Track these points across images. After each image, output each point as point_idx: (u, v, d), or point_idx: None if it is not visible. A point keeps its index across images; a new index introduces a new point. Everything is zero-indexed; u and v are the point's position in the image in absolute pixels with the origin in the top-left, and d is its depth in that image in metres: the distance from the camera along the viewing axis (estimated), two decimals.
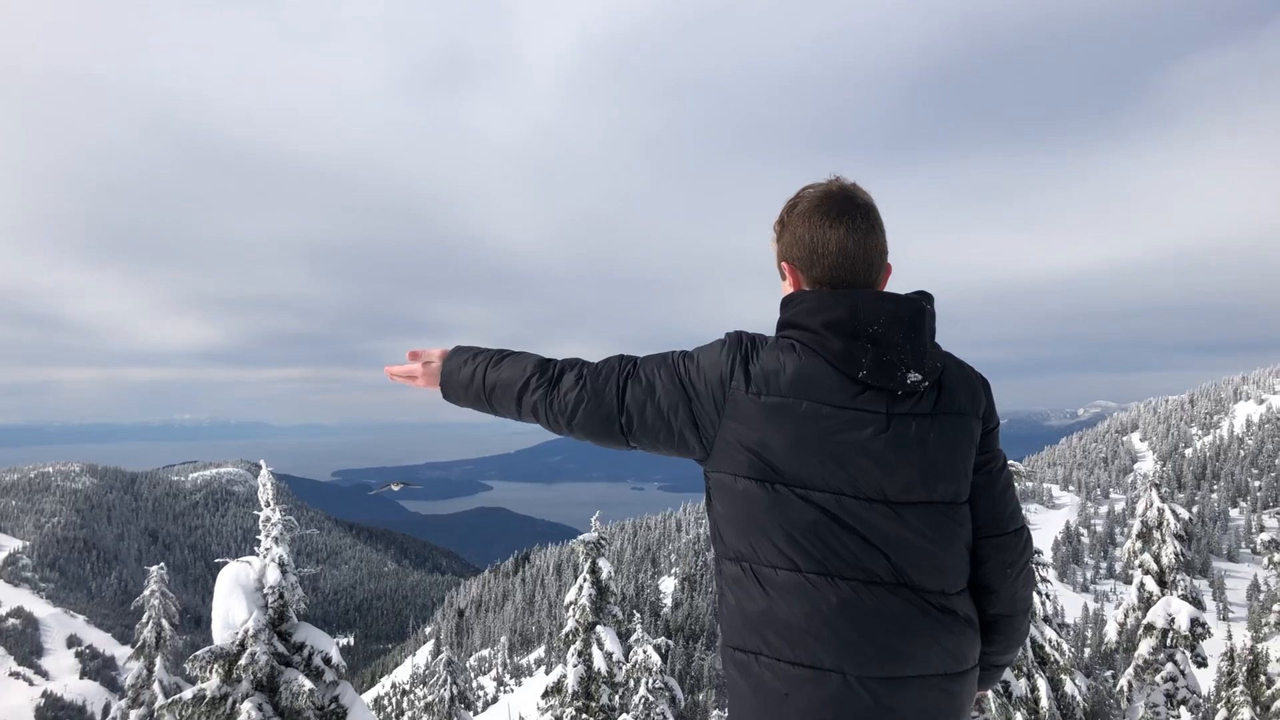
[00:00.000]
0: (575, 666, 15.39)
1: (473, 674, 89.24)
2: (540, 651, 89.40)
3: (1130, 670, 15.82)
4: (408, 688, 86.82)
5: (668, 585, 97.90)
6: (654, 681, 16.27)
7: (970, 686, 2.30)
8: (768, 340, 2.30)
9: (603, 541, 16.13)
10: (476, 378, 2.58)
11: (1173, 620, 15.31)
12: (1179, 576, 15.69)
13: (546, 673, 65.50)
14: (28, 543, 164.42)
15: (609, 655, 15.38)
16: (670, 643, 17.50)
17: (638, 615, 18.09)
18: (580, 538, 16.21)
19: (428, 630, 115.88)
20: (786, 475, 2.19)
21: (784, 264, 2.38)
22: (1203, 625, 15.32)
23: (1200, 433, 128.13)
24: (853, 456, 2.18)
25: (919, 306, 2.27)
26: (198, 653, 10.01)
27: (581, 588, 15.76)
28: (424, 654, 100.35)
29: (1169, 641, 15.39)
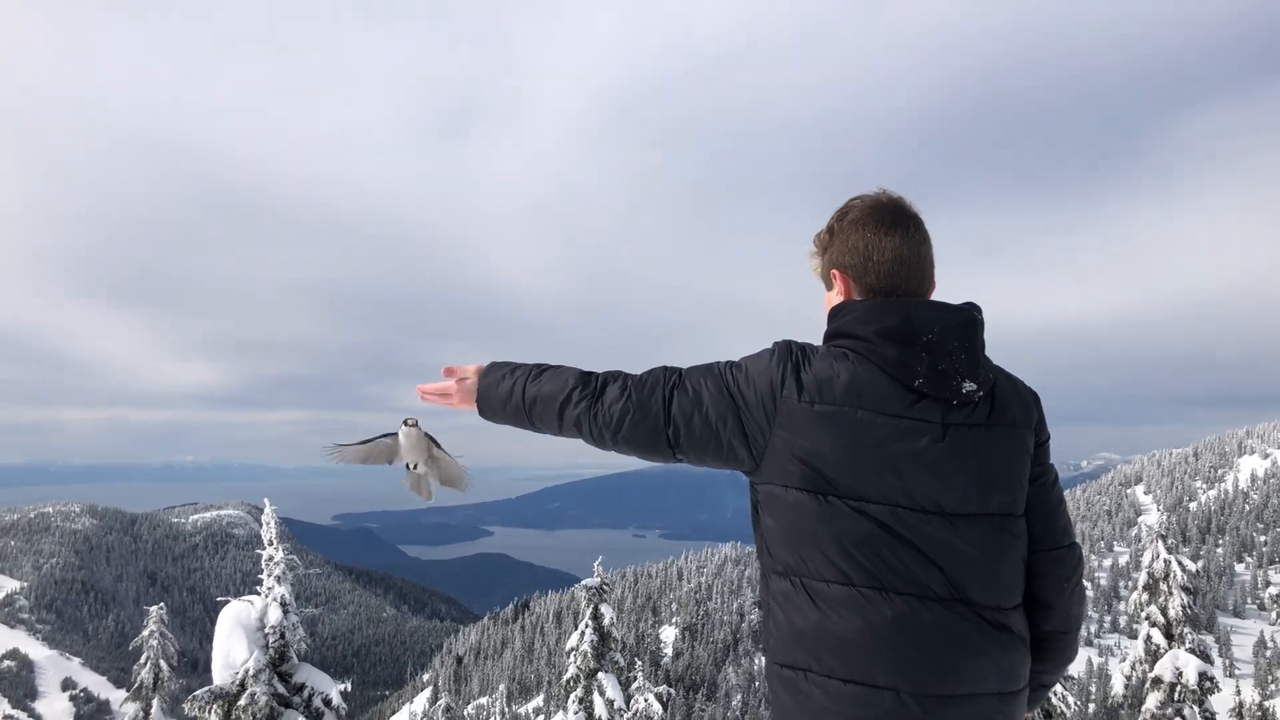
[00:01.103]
0: (576, 714, 15.23)
1: None
2: (539, 700, 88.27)
3: None
4: None
5: (668, 634, 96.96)
6: None
7: (1021, 706, 2.27)
8: (818, 349, 2.28)
9: (605, 587, 16.02)
10: (516, 392, 2.51)
11: (1180, 674, 15.13)
12: (1186, 630, 15.54)
13: None
14: (25, 584, 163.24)
15: (610, 703, 15.22)
16: (671, 692, 17.31)
17: (639, 663, 17.92)
18: (583, 583, 16.11)
19: (426, 677, 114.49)
20: (840, 486, 2.15)
21: (835, 272, 2.37)
22: (1211, 680, 15.14)
23: (1205, 486, 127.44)
24: (909, 467, 2.15)
25: (971, 315, 2.28)
26: (197, 692, 9.94)
27: (584, 634, 15.63)
28: (421, 701, 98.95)
29: (1177, 696, 15.20)
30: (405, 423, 3.06)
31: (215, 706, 9.85)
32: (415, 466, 3.13)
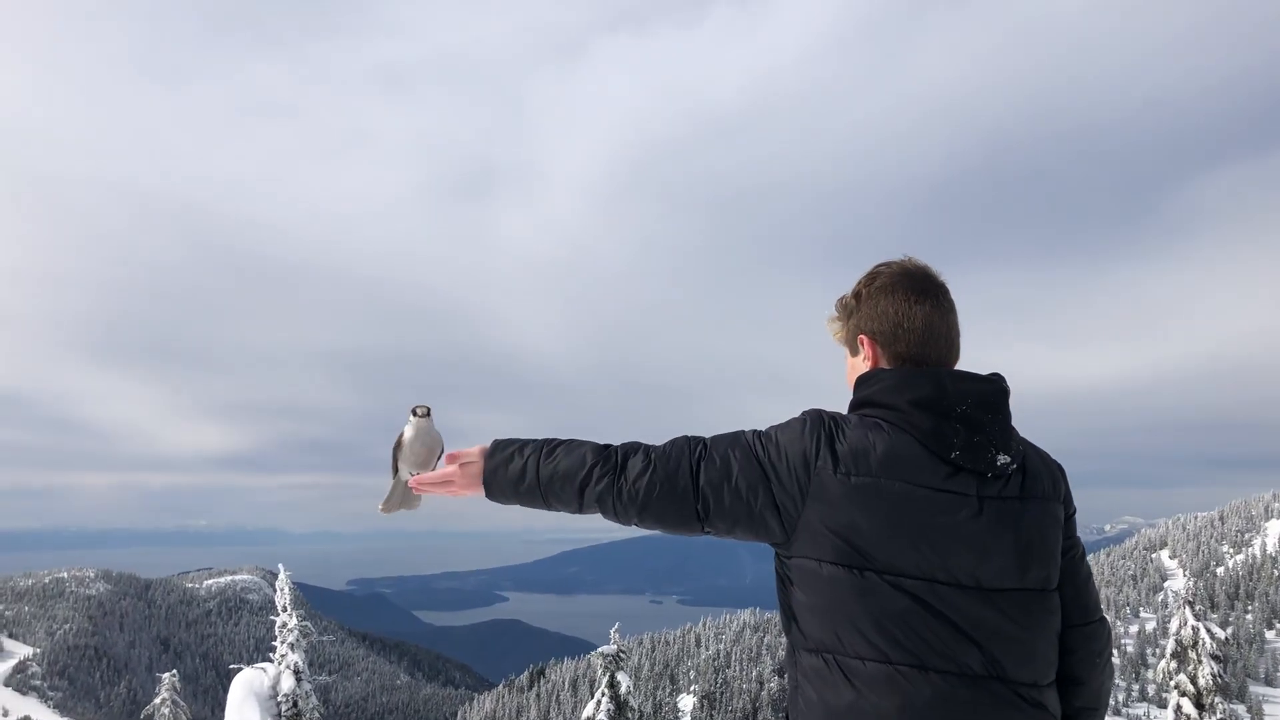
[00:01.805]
0: None
1: None
2: None
3: None
4: None
5: (686, 703, 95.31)
6: None
7: None
8: (850, 419, 2.24)
9: (622, 654, 15.81)
10: (529, 473, 2.38)
11: None
12: (1217, 699, 15.19)
13: None
14: (38, 649, 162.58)
15: None
16: None
17: None
18: (599, 650, 15.91)
19: None
20: (877, 560, 2.12)
21: (863, 337, 2.35)
22: None
23: (1232, 551, 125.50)
24: (947, 541, 2.13)
25: (1001, 386, 2.27)
26: None
27: (600, 703, 15.40)
28: None
29: None
30: (414, 412, 2.68)
31: None
32: (412, 474, 2.68)
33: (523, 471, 2.40)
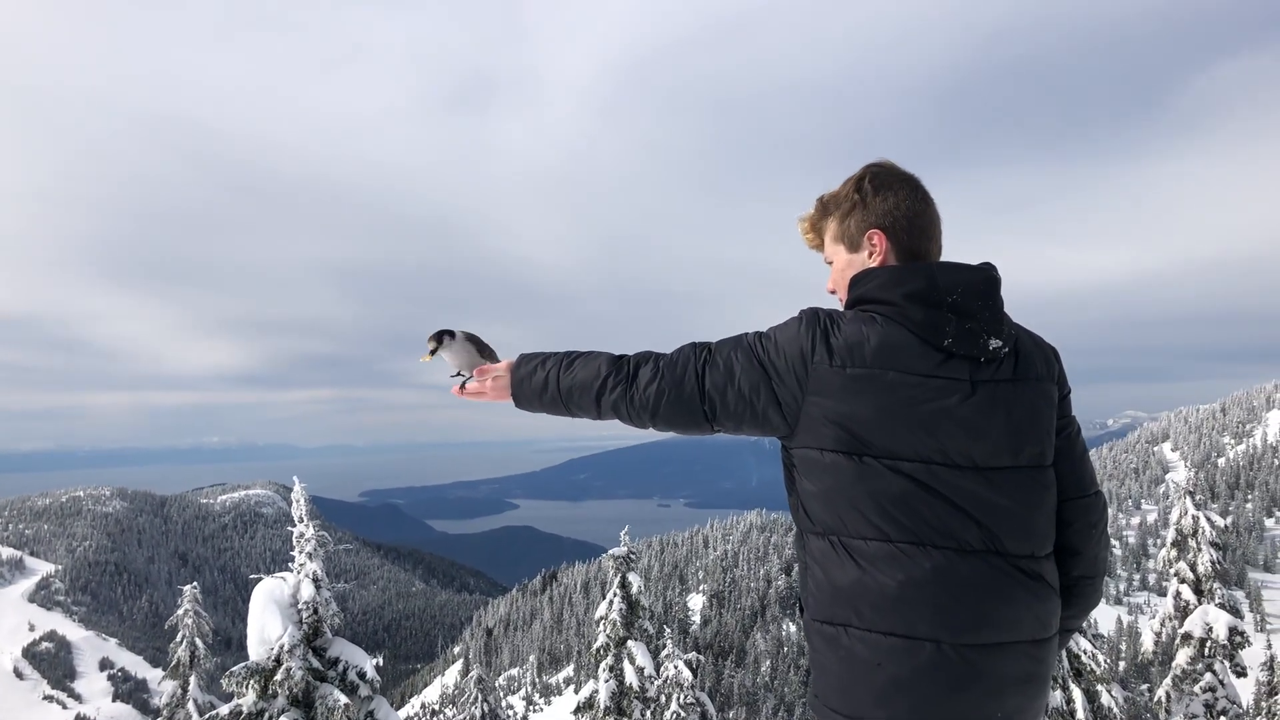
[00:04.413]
0: (607, 682, 15.34)
1: (502, 693, 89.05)
2: (569, 670, 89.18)
3: (1168, 681, 15.61)
4: (437, 708, 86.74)
5: (696, 603, 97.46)
6: (686, 697, 16.20)
7: (1054, 652, 2.34)
8: (845, 314, 2.33)
9: (633, 556, 16.10)
10: (550, 384, 2.57)
11: (1210, 629, 15.11)
12: (1216, 585, 15.49)
13: (576, 691, 65.27)
14: (60, 567, 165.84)
15: (641, 670, 15.32)
16: (701, 658, 17.42)
17: (668, 631, 18.02)
18: (610, 552, 16.19)
19: (456, 650, 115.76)
20: (875, 446, 2.21)
21: (874, 233, 2.40)
22: (1241, 634, 15.11)
23: (1233, 442, 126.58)
24: (941, 424, 2.21)
25: (991, 274, 2.35)
26: (234, 668, 10.06)
27: (612, 602, 15.72)
28: (453, 674, 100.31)
29: (1207, 651, 15.19)
30: (443, 336, 2.80)
31: (252, 682, 9.98)
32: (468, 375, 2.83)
33: (545, 383, 2.59)
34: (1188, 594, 15.69)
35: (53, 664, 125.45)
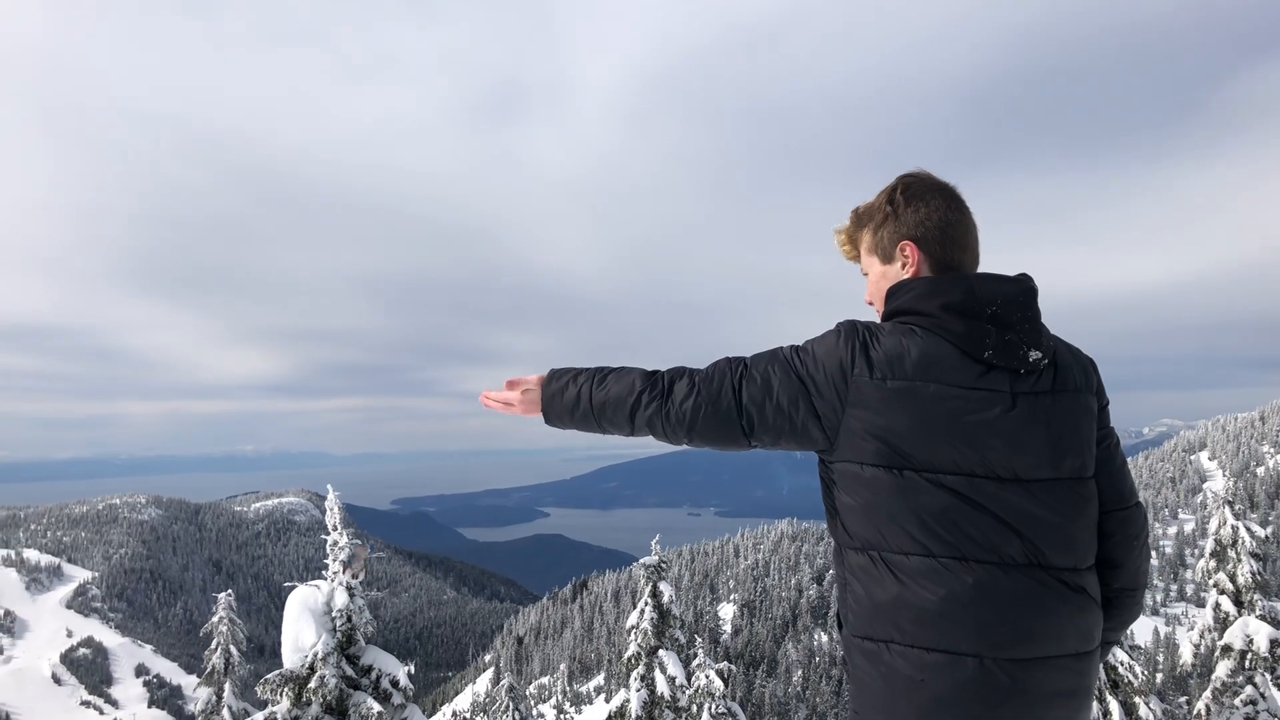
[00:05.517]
0: (638, 691, 15.31)
1: (533, 701, 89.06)
2: (600, 679, 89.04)
3: (1208, 693, 15.37)
4: (469, 715, 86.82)
5: (726, 612, 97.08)
6: (717, 707, 16.12)
7: (1097, 665, 2.32)
8: (884, 326, 2.32)
9: (664, 565, 16.06)
10: (583, 399, 2.55)
11: (1251, 641, 14.86)
12: (1256, 597, 15.24)
13: (606, 700, 65.15)
14: (96, 574, 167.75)
15: (672, 680, 15.28)
16: (732, 668, 17.35)
17: (699, 640, 17.98)
18: (641, 561, 16.16)
19: (487, 658, 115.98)
20: (916, 460, 2.20)
21: (907, 244, 2.40)
22: None
23: (1272, 451, 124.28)
24: (983, 436, 2.20)
25: (1029, 286, 2.33)
26: (269, 676, 10.13)
27: (643, 611, 15.69)
28: (484, 682, 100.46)
29: (1248, 663, 14.94)
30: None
31: (287, 689, 10.04)
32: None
33: (577, 398, 2.56)
34: (1227, 605, 15.44)
35: (90, 670, 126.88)
